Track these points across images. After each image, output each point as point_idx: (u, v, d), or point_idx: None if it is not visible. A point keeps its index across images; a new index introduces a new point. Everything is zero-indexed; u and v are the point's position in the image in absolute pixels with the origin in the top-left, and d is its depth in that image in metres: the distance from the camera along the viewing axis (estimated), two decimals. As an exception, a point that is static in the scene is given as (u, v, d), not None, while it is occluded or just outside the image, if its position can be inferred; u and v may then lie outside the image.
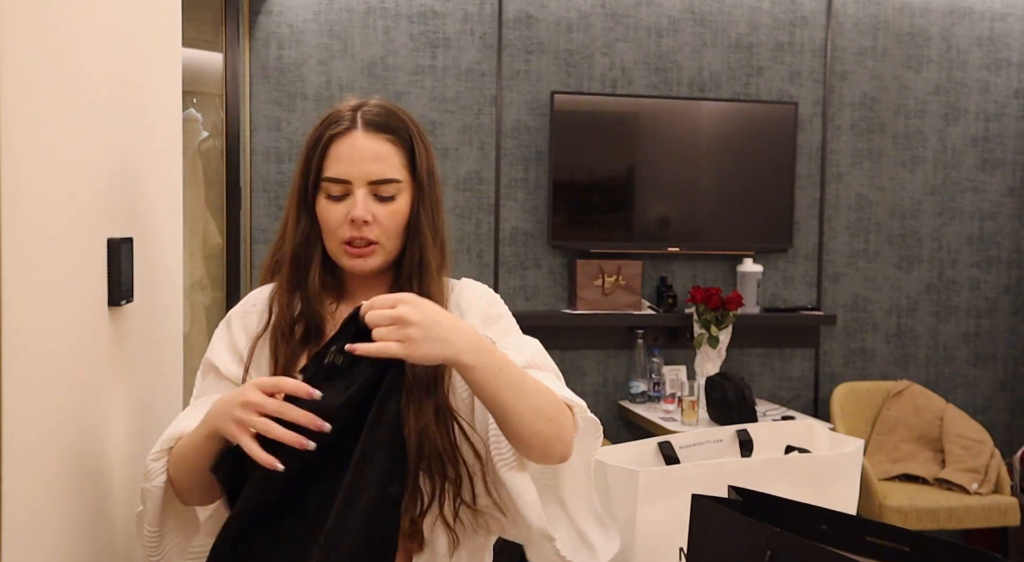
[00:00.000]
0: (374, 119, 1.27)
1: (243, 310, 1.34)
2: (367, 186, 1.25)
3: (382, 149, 1.26)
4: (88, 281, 1.21)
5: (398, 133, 1.28)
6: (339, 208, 1.26)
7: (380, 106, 1.29)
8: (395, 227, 1.27)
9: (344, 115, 1.27)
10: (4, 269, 0.95)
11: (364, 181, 1.25)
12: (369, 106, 1.29)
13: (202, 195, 3.20)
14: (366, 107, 1.29)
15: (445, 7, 3.63)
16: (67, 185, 1.14)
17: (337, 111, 1.29)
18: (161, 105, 1.57)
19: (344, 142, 1.26)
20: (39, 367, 1.06)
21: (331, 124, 1.27)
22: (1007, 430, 4.16)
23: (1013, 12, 4.09)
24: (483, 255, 3.69)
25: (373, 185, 1.25)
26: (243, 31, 3.44)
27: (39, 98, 1.05)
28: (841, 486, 2.06)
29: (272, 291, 1.32)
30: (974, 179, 4.11)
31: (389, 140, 1.27)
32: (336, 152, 1.26)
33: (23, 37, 0.99)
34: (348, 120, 1.27)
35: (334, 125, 1.27)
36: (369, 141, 1.25)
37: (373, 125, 1.26)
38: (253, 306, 1.33)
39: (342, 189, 1.25)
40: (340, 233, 1.26)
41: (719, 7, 3.84)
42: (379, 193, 1.26)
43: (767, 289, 3.93)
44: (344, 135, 1.26)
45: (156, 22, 1.54)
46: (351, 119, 1.27)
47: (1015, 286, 4.17)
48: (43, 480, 1.08)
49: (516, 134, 3.71)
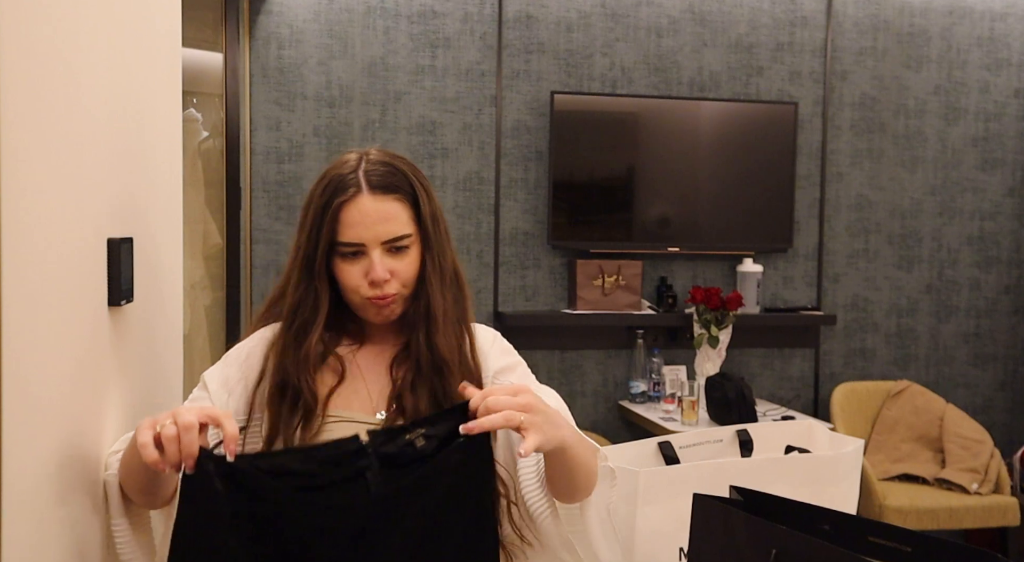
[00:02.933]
0: (379, 181, 1.30)
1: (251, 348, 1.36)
2: (380, 246, 1.29)
3: (391, 210, 1.30)
4: (88, 281, 1.21)
5: (402, 190, 1.31)
6: (356, 268, 1.30)
7: (380, 162, 1.32)
8: (412, 274, 1.33)
9: (348, 180, 1.30)
10: (4, 269, 0.95)
11: (377, 242, 1.29)
12: (371, 164, 1.32)
13: (202, 195, 3.20)
14: (368, 166, 1.31)
15: (445, 7, 3.63)
16: (67, 185, 1.13)
17: (339, 175, 1.31)
18: (161, 105, 1.57)
19: (353, 208, 1.29)
20: (39, 367, 1.05)
21: (337, 191, 1.29)
22: (1007, 430, 4.16)
23: (1013, 12, 4.09)
24: (483, 255, 3.69)
25: (387, 244, 1.30)
26: (243, 31, 3.44)
27: (39, 98, 1.05)
28: (841, 486, 2.06)
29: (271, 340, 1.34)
30: (974, 179, 4.11)
31: (395, 199, 1.31)
32: (347, 218, 1.29)
33: (23, 37, 0.99)
34: (353, 184, 1.29)
35: (340, 192, 1.29)
36: (377, 204, 1.29)
37: (379, 188, 1.30)
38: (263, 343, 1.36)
39: (356, 250, 1.30)
40: (361, 291, 1.30)
41: (719, 7, 3.84)
42: (393, 247, 1.30)
43: (767, 289, 3.93)
44: (352, 201, 1.29)
45: (156, 22, 1.54)
46: (355, 183, 1.29)
47: (1015, 286, 4.17)
48: (43, 480, 1.08)
49: (516, 134, 3.71)
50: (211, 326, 3.21)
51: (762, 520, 0.98)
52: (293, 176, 3.54)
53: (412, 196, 1.32)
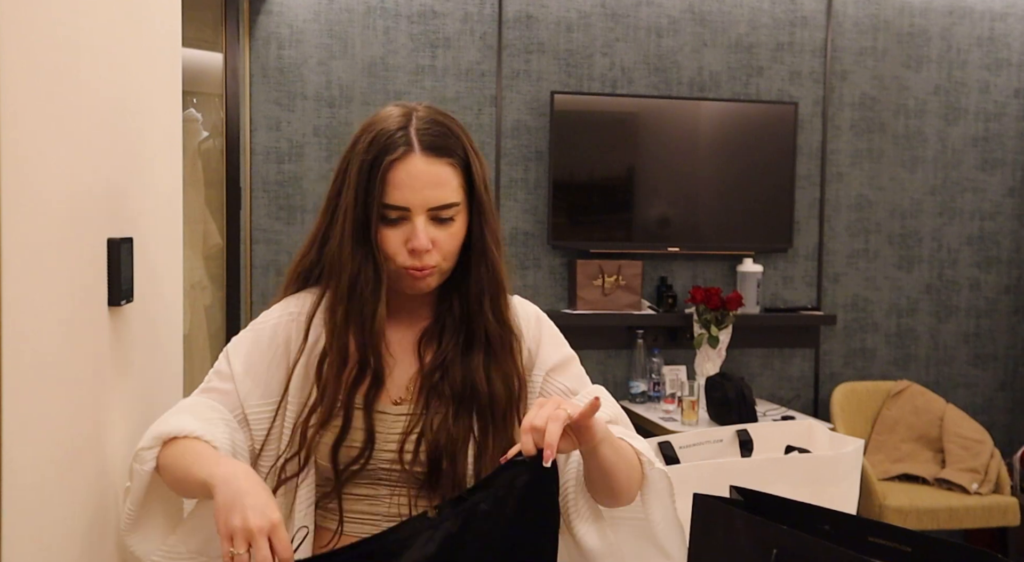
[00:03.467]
0: (432, 141, 1.21)
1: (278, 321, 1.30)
2: (426, 212, 1.21)
3: (443, 174, 1.21)
4: (88, 281, 1.21)
5: (456, 154, 1.23)
6: (397, 234, 1.22)
7: (432, 121, 1.23)
8: (454, 249, 1.25)
9: (397, 137, 1.21)
10: (4, 269, 0.95)
11: (424, 208, 1.21)
12: (421, 121, 1.23)
13: (202, 195, 3.20)
14: (418, 122, 1.22)
15: (445, 7, 3.63)
16: (67, 185, 1.13)
17: (386, 130, 1.22)
18: (161, 105, 1.57)
19: (402, 168, 1.20)
20: (39, 367, 1.05)
21: (387, 148, 1.20)
22: (1007, 430, 4.16)
23: (1013, 12, 4.09)
24: (483, 255, 3.69)
25: (433, 211, 1.21)
26: (243, 31, 3.44)
27: (39, 98, 1.05)
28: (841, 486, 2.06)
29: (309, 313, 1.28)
30: (974, 179, 4.11)
31: (448, 163, 1.22)
32: (394, 179, 1.20)
33: (23, 37, 0.99)
34: (403, 143, 1.20)
35: (390, 150, 1.20)
36: (429, 166, 1.20)
37: (432, 148, 1.21)
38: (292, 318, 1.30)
39: (399, 214, 1.21)
40: (400, 259, 1.23)
41: (719, 7, 3.84)
42: (438, 217, 1.22)
43: (767, 289, 3.93)
44: (401, 161, 1.20)
45: (156, 22, 1.54)
46: (405, 141, 1.20)
47: (1015, 286, 4.17)
48: (43, 480, 1.08)
49: (516, 134, 3.71)
50: (211, 326, 3.21)
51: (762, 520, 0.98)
52: (293, 176, 3.54)
53: (464, 161, 1.24)
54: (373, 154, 1.21)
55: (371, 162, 1.20)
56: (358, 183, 1.21)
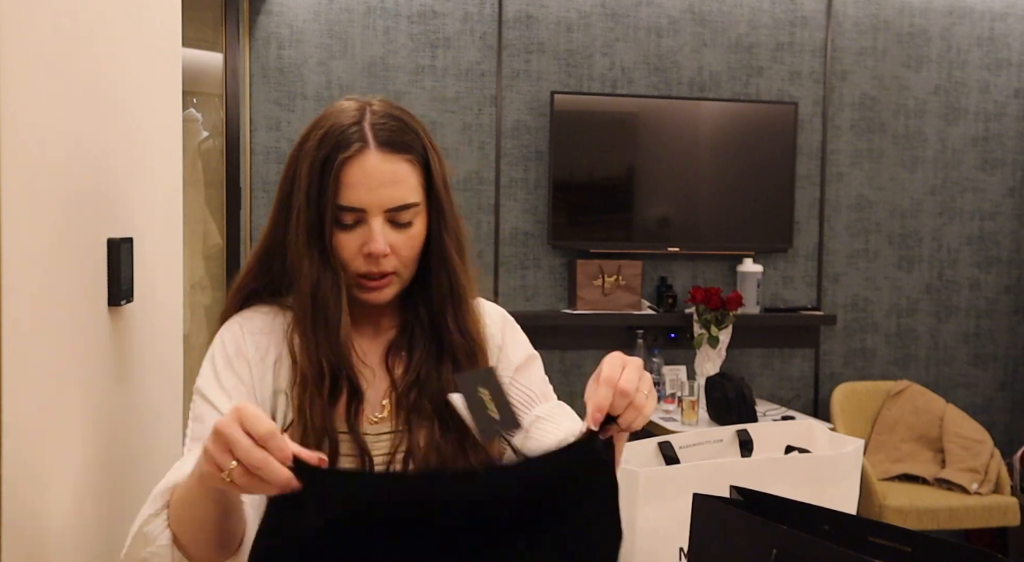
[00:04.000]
0: (389, 136, 1.12)
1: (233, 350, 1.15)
2: (383, 214, 1.12)
3: (400, 172, 1.12)
4: (88, 281, 1.21)
5: (414, 150, 1.14)
6: (352, 238, 1.12)
7: (388, 115, 1.14)
8: (413, 254, 1.15)
9: (351, 133, 1.11)
10: (4, 269, 0.95)
11: (381, 209, 1.11)
12: (376, 116, 1.13)
13: (202, 195, 3.20)
14: (373, 117, 1.13)
15: (445, 7, 3.63)
16: (67, 185, 1.13)
17: (339, 124, 1.12)
18: (161, 105, 1.57)
19: (356, 167, 1.10)
20: (39, 367, 1.05)
21: (339, 145, 1.10)
22: (1007, 430, 4.16)
23: (1013, 12, 4.09)
24: (483, 255, 3.69)
25: (390, 212, 1.12)
26: (243, 31, 3.44)
27: (39, 98, 1.05)
28: (841, 486, 2.06)
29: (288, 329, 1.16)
30: (974, 179, 4.11)
31: (406, 160, 1.13)
32: (348, 178, 1.10)
33: (23, 37, 0.99)
34: (357, 138, 1.11)
35: (343, 147, 1.10)
36: (385, 163, 1.11)
37: (388, 145, 1.12)
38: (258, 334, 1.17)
39: (354, 217, 1.11)
40: (354, 266, 1.13)
41: (719, 7, 3.84)
42: (396, 220, 1.12)
43: (767, 289, 3.93)
44: (356, 158, 1.10)
45: (156, 22, 1.54)
46: (360, 136, 1.11)
47: (1015, 286, 4.17)
48: (42, 480, 1.08)
49: (516, 134, 3.71)
50: (211, 326, 3.21)
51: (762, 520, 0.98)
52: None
53: (423, 158, 1.15)
54: (325, 151, 1.11)
55: (323, 160, 1.11)
56: (309, 183, 1.12)
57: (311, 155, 1.12)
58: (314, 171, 1.11)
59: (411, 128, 1.15)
